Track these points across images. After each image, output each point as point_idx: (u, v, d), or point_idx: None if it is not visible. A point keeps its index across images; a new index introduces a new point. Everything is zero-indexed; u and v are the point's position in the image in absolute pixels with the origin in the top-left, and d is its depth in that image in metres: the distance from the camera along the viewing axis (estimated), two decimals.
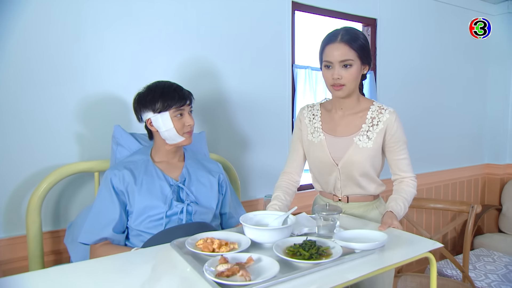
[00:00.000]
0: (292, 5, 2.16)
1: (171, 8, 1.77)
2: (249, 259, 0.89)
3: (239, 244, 1.01)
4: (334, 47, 1.23)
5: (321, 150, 1.34)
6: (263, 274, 0.84)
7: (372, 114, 1.33)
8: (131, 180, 1.25)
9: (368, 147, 1.30)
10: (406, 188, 1.33)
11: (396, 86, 2.73)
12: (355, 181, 1.34)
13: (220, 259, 0.88)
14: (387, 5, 2.61)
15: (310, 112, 1.43)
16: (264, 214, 1.19)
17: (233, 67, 1.97)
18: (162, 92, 1.28)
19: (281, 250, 0.96)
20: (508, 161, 3.45)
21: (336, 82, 1.24)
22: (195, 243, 1.00)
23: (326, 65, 1.26)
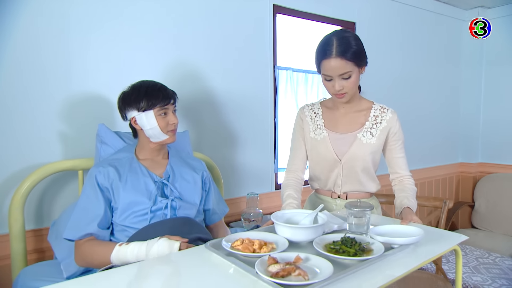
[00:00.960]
0: (274, 8, 2.23)
1: (156, 9, 1.80)
2: (297, 258, 0.88)
3: (276, 244, 1.00)
4: (331, 62, 1.25)
5: (324, 146, 1.39)
6: (317, 273, 0.83)
7: (375, 113, 1.40)
8: (116, 177, 1.27)
9: (372, 143, 1.36)
10: (410, 186, 1.39)
11: (374, 87, 2.82)
12: (356, 177, 1.39)
13: (269, 259, 0.86)
14: (365, 10, 2.71)
15: (311, 111, 1.46)
16: (293, 212, 1.19)
17: (216, 68, 2.02)
18: (146, 91, 1.31)
19: (321, 248, 0.95)
20: (480, 160, 3.61)
21: (336, 92, 1.29)
22: (231, 244, 0.98)
23: (327, 78, 1.29)
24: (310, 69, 2.42)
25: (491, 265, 2.40)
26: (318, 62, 1.30)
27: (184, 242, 1.11)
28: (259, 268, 0.82)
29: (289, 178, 1.44)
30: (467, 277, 2.20)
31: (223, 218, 1.55)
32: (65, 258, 1.32)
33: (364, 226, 1.09)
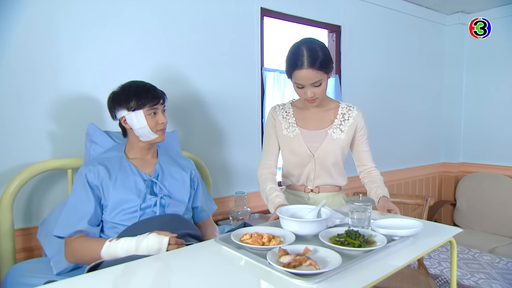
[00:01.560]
0: (261, 11, 2.28)
1: (144, 11, 1.83)
2: (306, 250, 0.91)
3: (284, 237, 1.04)
4: (302, 73, 1.33)
5: (297, 142, 1.47)
6: (327, 262, 0.87)
7: (342, 111, 1.51)
8: (106, 175, 1.29)
9: (341, 138, 1.47)
10: (378, 176, 1.50)
11: (359, 89, 2.90)
12: (328, 171, 1.49)
13: (280, 251, 0.90)
14: (350, 13, 2.78)
15: (282, 110, 1.54)
16: (297, 208, 1.24)
17: (204, 70, 2.06)
18: (136, 91, 1.34)
19: (327, 241, 0.99)
20: (461, 160, 3.73)
21: (309, 99, 1.39)
22: (240, 238, 1.02)
23: (298, 86, 1.38)
24: None
25: (470, 260, 2.49)
26: (290, 72, 1.37)
27: (173, 237, 1.15)
28: (271, 259, 0.85)
29: (265, 173, 1.49)
30: (447, 272, 2.28)
31: (211, 216, 1.58)
32: (55, 255, 1.33)
33: (365, 220, 1.14)
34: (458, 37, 3.59)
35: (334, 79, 2.69)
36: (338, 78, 2.72)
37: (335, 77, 2.70)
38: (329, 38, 2.78)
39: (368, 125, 1.55)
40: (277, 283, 0.82)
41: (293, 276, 0.80)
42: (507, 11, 3.29)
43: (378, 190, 1.43)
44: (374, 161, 1.56)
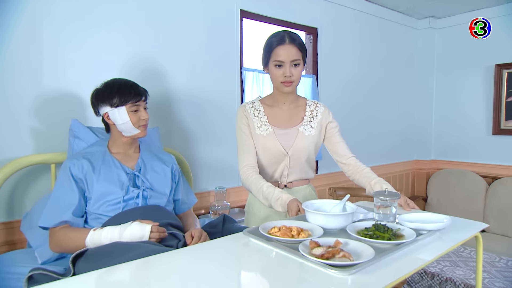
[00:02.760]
0: (240, 13, 2.36)
1: (127, 11, 1.88)
2: (337, 242, 0.92)
3: (311, 231, 1.06)
4: (285, 48, 1.37)
5: (271, 141, 1.47)
6: (360, 255, 0.87)
7: (310, 108, 1.55)
8: (90, 168, 1.35)
9: (312, 134, 1.50)
10: (368, 170, 1.49)
11: (336, 90, 3.03)
12: (301, 166, 1.52)
13: (311, 243, 0.90)
14: (326, 16, 2.91)
15: (253, 108, 1.53)
16: (321, 202, 1.25)
17: (186, 69, 2.12)
18: (119, 88, 1.39)
19: (355, 234, 1.00)
20: (432, 158, 3.92)
21: (287, 80, 1.40)
22: (268, 231, 1.03)
23: (277, 64, 1.39)
24: None
25: None
26: (270, 50, 1.40)
27: (156, 226, 1.21)
28: (304, 251, 0.86)
29: (253, 173, 1.45)
30: (447, 270, 2.39)
31: (192, 208, 1.65)
32: (39, 245, 1.38)
33: (391, 214, 1.13)
34: (429, 41, 3.78)
35: (311, 79, 2.80)
36: (315, 78, 2.83)
37: (312, 77, 2.81)
38: (307, 40, 2.89)
39: (344, 124, 1.63)
40: (311, 274, 0.82)
41: (328, 267, 0.80)
42: (474, 17, 3.49)
43: (383, 186, 1.39)
44: None
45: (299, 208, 1.24)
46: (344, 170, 1.57)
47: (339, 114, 2.22)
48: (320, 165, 2.94)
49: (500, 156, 3.42)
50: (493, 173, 3.42)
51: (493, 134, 3.43)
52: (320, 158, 2.87)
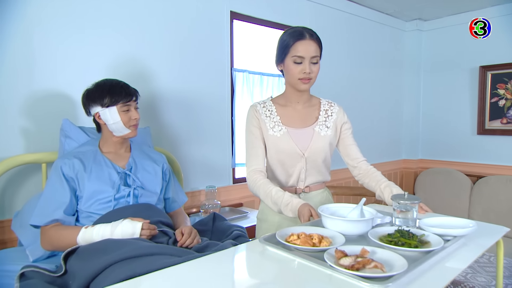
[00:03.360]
0: (231, 14, 2.39)
1: (118, 12, 1.90)
2: (364, 251, 0.86)
3: (332, 238, 0.99)
4: (306, 43, 1.31)
5: (286, 142, 1.39)
6: (392, 265, 0.81)
7: (324, 107, 1.49)
8: (81, 168, 1.37)
9: (328, 134, 1.44)
10: (379, 174, 1.46)
11: (325, 90, 3.07)
12: (318, 168, 1.44)
13: (337, 252, 0.84)
14: (315, 18, 2.95)
15: (264, 109, 1.45)
16: (337, 206, 1.19)
17: (177, 70, 2.15)
18: (110, 88, 1.41)
19: (377, 240, 0.95)
20: (420, 157, 4.00)
21: (306, 76, 1.33)
22: (286, 239, 0.97)
23: (297, 61, 1.32)
24: (265, 71, 2.61)
25: None
26: (289, 45, 1.33)
27: (146, 223, 1.24)
28: (331, 261, 0.80)
29: (260, 178, 1.36)
30: None
31: (182, 207, 1.68)
32: (31, 244, 1.39)
33: (411, 219, 1.08)
34: (416, 43, 3.86)
35: None
36: None
37: None
38: None
39: None
40: (341, 287, 0.76)
41: (360, 279, 0.75)
42: (459, 20, 3.58)
43: (394, 190, 1.36)
44: None
45: (311, 213, 1.19)
46: (354, 173, 1.52)
47: None
48: None
49: (485, 155, 3.51)
50: (478, 172, 3.50)
51: (478, 134, 3.52)
52: None
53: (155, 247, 1.10)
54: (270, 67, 2.75)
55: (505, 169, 3.35)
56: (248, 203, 2.53)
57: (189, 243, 1.29)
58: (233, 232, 1.48)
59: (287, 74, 1.39)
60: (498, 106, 3.38)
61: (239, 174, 2.57)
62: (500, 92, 3.36)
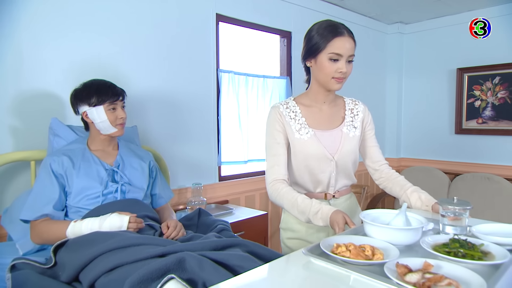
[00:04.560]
0: (217, 17, 2.46)
1: (105, 12, 1.95)
2: (427, 265, 0.77)
3: (383, 249, 0.90)
4: (345, 40, 1.23)
5: (314, 146, 1.29)
6: (467, 283, 0.71)
7: (349, 106, 1.41)
8: (70, 165, 1.42)
9: (357, 135, 1.36)
10: (402, 178, 1.39)
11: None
12: (347, 172, 1.35)
13: (399, 267, 0.75)
14: (300, 20, 3.04)
15: (288, 110, 1.35)
16: (377, 212, 1.11)
17: (164, 70, 2.21)
18: (97, 88, 1.47)
19: (433, 251, 0.86)
20: (402, 155, 4.14)
21: (341, 76, 1.25)
22: (333, 250, 0.88)
23: (333, 58, 1.23)
24: (250, 72, 2.68)
25: None
26: (326, 40, 1.23)
27: (133, 217, 1.30)
28: (394, 276, 0.72)
29: (283, 186, 1.28)
30: None
31: (169, 203, 1.74)
32: (21, 238, 1.43)
33: (462, 226, 1.00)
34: (398, 45, 3.99)
35: (285, 81, 2.93)
36: (289, 80, 2.97)
37: (286, 79, 2.94)
38: (281, 43, 3.02)
39: None
40: None
41: None
42: (438, 23, 3.73)
43: (422, 196, 1.31)
44: None
45: (346, 220, 1.11)
46: (376, 176, 1.45)
47: None
48: None
49: (461, 154, 3.66)
50: (456, 170, 3.65)
51: (456, 134, 3.66)
52: None
53: (141, 238, 1.16)
54: (255, 68, 2.84)
55: (480, 167, 3.50)
56: (233, 200, 2.60)
57: (174, 235, 1.36)
58: (217, 226, 1.55)
59: (318, 72, 1.28)
60: (474, 106, 3.53)
61: (224, 172, 2.65)
62: (476, 93, 3.51)
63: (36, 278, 1.11)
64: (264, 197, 2.83)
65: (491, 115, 3.43)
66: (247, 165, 2.71)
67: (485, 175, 3.27)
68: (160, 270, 0.93)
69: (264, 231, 2.26)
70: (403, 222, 1.01)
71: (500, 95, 3.37)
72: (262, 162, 2.82)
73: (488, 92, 3.44)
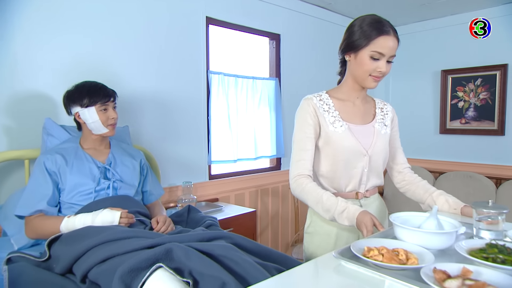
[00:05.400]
0: (206, 20, 2.53)
1: (98, 14, 2.01)
2: (466, 271, 0.73)
3: (418, 254, 0.87)
4: (390, 40, 1.19)
5: (348, 139, 1.27)
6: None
7: (379, 105, 1.41)
8: (63, 162, 1.48)
9: (388, 133, 1.36)
10: (426, 182, 1.38)
11: (297, 92, 3.25)
12: (378, 170, 1.34)
13: (437, 273, 0.72)
14: (288, 23, 3.13)
15: (321, 102, 1.33)
16: (407, 215, 1.08)
17: (156, 72, 2.27)
18: (89, 90, 1.53)
19: (469, 256, 0.83)
20: None
21: (378, 75, 1.23)
22: (364, 254, 0.85)
23: (375, 56, 1.21)
24: (239, 73, 2.76)
25: None
26: (370, 37, 1.20)
27: (125, 212, 1.37)
28: (435, 283, 0.69)
29: (307, 182, 1.26)
30: None
31: (160, 199, 1.81)
32: (15, 233, 1.49)
33: (498, 231, 0.97)
34: None
35: (274, 82, 3.00)
36: (278, 81, 3.04)
37: (275, 80, 3.02)
38: (270, 45, 3.10)
39: None
40: None
41: None
42: (424, 26, 3.84)
43: (449, 199, 1.29)
44: None
45: (374, 222, 1.10)
46: (398, 179, 1.44)
47: None
48: (283, 162, 3.16)
49: (446, 153, 3.77)
50: (440, 168, 3.76)
51: (440, 133, 3.78)
52: (283, 155, 3.08)
53: (131, 231, 1.22)
54: (245, 69, 2.91)
55: (463, 165, 3.62)
56: (223, 198, 2.67)
57: (163, 230, 1.42)
58: (205, 221, 1.62)
59: (356, 67, 1.26)
60: (458, 107, 3.64)
61: (215, 170, 2.72)
62: (459, 94, 3.63)
63: (31, 270, 1.17)
64: (253, 195, 2.91)
65: (473, 115, 3.55)
66: (236, 164, 2.79)
67: (467, 173, 3.39)
68: (149, 259, 0.99)
69: (252, 227, 2.33)
70: (435, 226, 0.97)
71: (482, 96, 3.49)
72: (251, 161, 2.90)
73: (470, 93, 3.56)
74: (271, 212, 3.06)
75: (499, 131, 3.39)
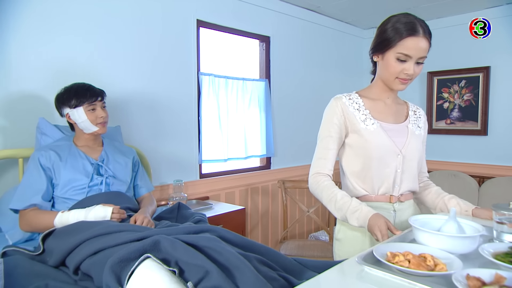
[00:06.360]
0: (197, 22, 2.60)
1: (88, 17, 2.06)
2: (499, 277, 0.70)
3: (445, 259, 0.84)
4: (418, 41, 1.14)
5: (381, 137, 1.23)
6: None
7: (412, 108, 1.37)
8: (57, 158, 1.54)
9: (422, 134, 1.32)
10: (438, 187, 1.37)
11: (287, 93, 3.33)
12: (412, 172, 1.28)
13: (471, 280, 0.69)
14: (278, 26, 3.20)
15: (351, 101, 1.30)
16: (426, 218, 1.05)
17: (148, 73, 2.33)
18: (76, 91, 1.59)
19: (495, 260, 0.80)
20: None
21: (406, 77, 1.19)
22: (387, 259, 0.81)
23: (401, 58, 1.16)
24: (230, 75, 2.83)
25: None
26: (397, 38, 1.16)
27: (116, 208, 1.43)
28: None
29: (325, 180, 1.24)
30: None
31: (151, 193, 1.86)
32: (10, 229, 1.55)
33: None
34: None
35: (264, 83, 3.08)
36: (267, 82, 3.12)
37: (265, 81, 3.09)
38: (260, 47, 3.18)
39: (294, 125, 1.55)
40: None
41: None
42: None
43: (460, 202, 1.27)
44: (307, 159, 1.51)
45: (389, 226, 1.06)
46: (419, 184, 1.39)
47: (290, 116, 2.34)
48: (273, 162, 3.23)
49: (431, 152, 3.87)
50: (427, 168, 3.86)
51: (427, 133, 3.87)
52: (272, 154, 3.15)
53: (122, 225, 1.28)
54: (235, 71, 2.98)
55: (448, 164, 3.73)
56: (213, 196, 2.74)
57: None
58: (194, 217, 1.68)
59: (384, 69, 1.24)
60: (443, 108, 3.75)
61: (205, 169, 2.78)
62: (445, 95, 3.74)
63: (26, 262, 1.23)
64: (243, 194, 2.98)
65: (458, 116, 3.66)
66: (227, 163, 2.86)
67: (451, 172, 3.50)
68: (138, 251, 1.06)
69: (241, 224, 2.40)
70: (456, 229, 0.94)
71: (466, 97, 3.60)
72: (242, 161, 2.97)
73: (455, 94, 3.67)
74: (261, 210, 3.13)
75: (482, 131, 3.50)
